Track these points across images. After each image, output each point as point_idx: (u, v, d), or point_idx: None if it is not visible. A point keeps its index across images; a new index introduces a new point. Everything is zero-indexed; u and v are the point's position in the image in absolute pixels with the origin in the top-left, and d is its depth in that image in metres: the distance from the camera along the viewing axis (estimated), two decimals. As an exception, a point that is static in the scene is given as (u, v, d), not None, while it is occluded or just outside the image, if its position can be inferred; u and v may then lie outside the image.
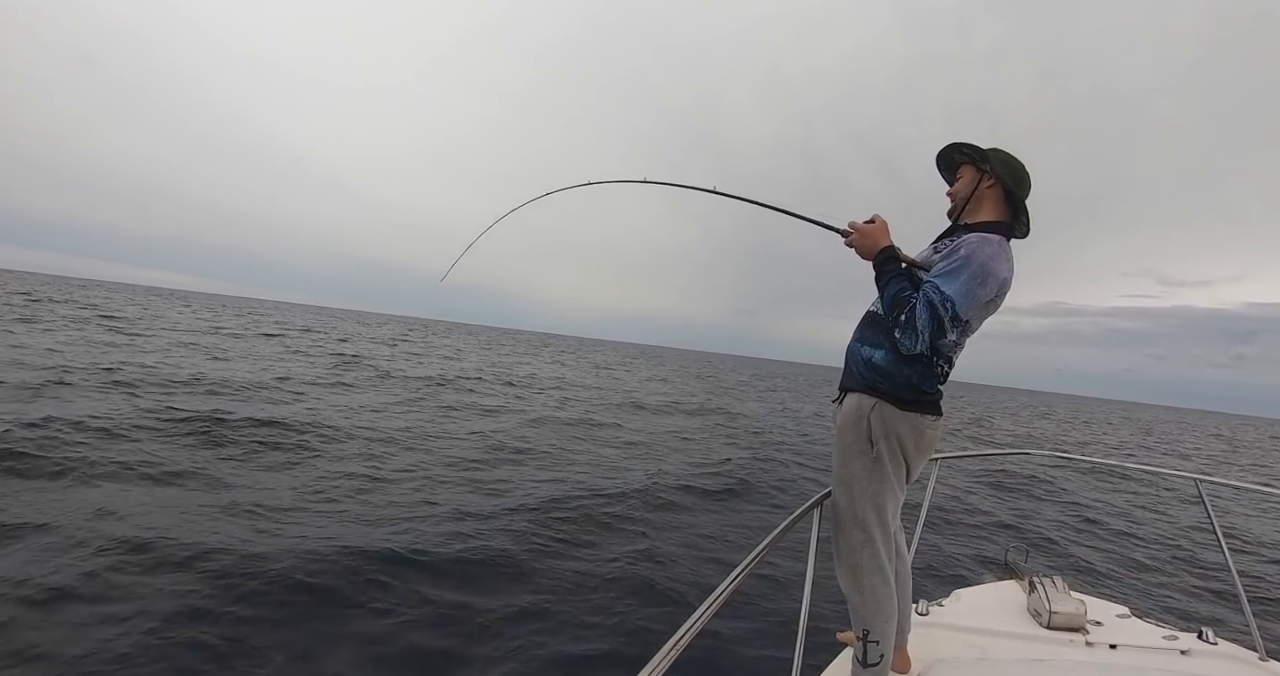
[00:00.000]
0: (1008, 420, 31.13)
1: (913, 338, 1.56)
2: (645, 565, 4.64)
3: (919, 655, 1.97)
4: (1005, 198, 1.74)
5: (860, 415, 1.69)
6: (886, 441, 1.67)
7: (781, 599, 4.23)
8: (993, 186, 1.73)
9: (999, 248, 1.63)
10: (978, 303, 1.59)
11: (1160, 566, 6.68)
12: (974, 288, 1.56)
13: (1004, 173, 1.72)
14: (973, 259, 1.57)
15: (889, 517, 1.71)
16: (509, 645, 3.33)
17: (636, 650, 3.37)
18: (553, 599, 3.93)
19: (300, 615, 3.39)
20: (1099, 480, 12.04)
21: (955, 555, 6.00)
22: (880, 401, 1.67)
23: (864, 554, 1.69)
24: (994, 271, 1.58)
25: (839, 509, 1.74)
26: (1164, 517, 9.39)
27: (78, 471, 5.27)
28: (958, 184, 1.81)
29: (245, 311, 57.56)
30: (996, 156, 1.73)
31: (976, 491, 9.67)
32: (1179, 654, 2.22)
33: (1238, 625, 3.53)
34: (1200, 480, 2.59)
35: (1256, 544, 8.07)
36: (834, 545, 1.76)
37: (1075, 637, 2.27)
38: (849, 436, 1.71)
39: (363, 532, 4.61)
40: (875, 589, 1.68)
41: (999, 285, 1.62)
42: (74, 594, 3.29)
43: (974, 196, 1.75)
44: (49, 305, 26.25)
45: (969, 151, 1.77)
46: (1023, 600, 2.57)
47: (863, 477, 1.69)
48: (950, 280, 1.56)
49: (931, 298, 1.55)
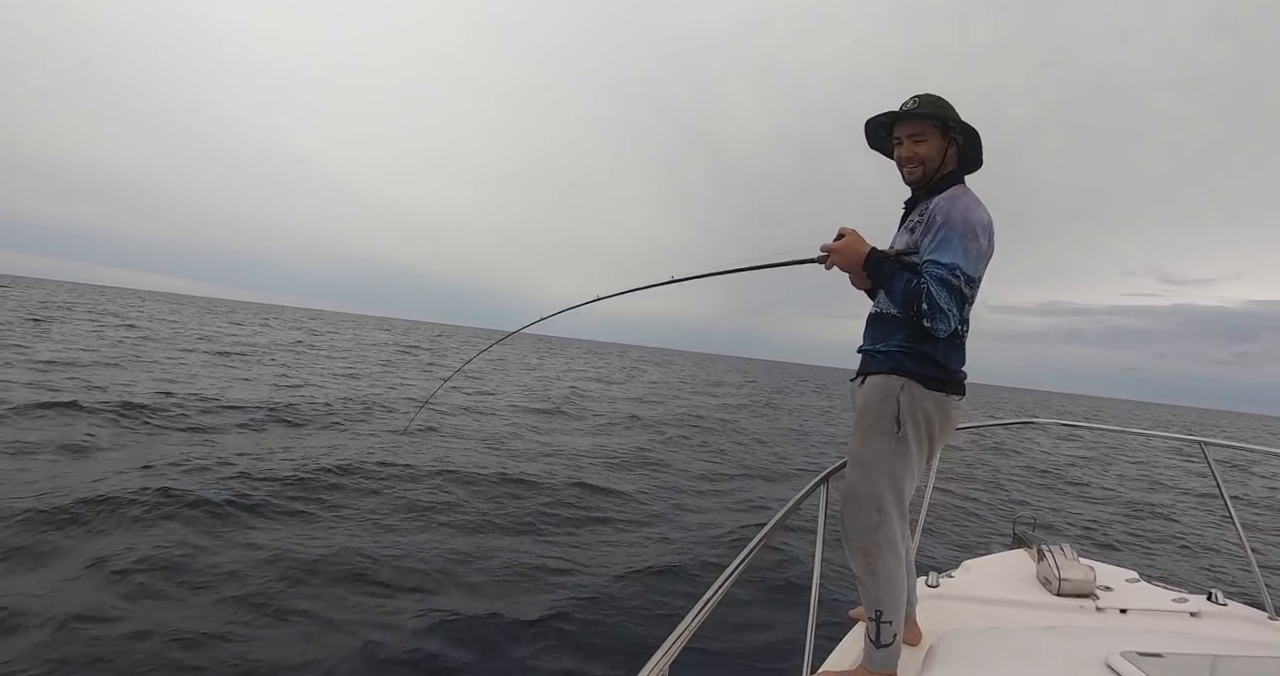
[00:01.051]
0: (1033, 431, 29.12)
1: (944, 318, 1.53)
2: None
3: (930, 626, 1.98)
4: (958, 153, 1.74)
5: (886, 395, 1.65)
6: (914, 422, 1.64)
7: (792, 575, 4.26)
8: (954, 146, 1.72)
9: (969, 197, 1.62)
10: (980, 257, 1.59)
11: (1169, 531, 6.71)
12: (969, 245, 1.56)
13: (967, 139, 1.71)
14: (953, 219, 1.56)
15: (906, 499, 1.69)
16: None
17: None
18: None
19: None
20: (1101, 450, 12.07)
21: (962, 527, 6.03)
22: (909, 381, 1.64)
23: (879, 534, 1.66)
24: (977, 220, 1.58)
25: (854, 489, 1.70)
26: (1169, 483, 9.42)
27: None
28: (923, 148, 1.71)
29: (301, 321, 55.45)
30: (953, 114, 1.69)
31: (981, 464, 9.70)
32: (1189, 616, 2.23)
33: (1247, 586, 3.55)
34: (1205, 443, 2.58)
35: (1263, 506, 8.10)
36: (843, 525, 1.73)
37: (1085, 603, 2.28)
38: (872, 416, 1.68)
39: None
40: (889, 569, 1.66)
41: (987, 231, 1.61)
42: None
43: (942, 163, 1.73)
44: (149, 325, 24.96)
45: (938, 119, 1.69)
46: (1032, 568, 2.58)
47: (885, 458, 1.65)
48: (945, 249, 1.55)
49: (939, 273, 1.53)
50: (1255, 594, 2.33)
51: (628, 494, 6.39)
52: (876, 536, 1.67)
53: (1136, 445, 12.64)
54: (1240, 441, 2.76)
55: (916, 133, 1.71)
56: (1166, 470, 10.44)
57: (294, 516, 4.76)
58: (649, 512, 5.84)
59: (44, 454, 5.59)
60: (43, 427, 6.47)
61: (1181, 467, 10.82)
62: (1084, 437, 13.91)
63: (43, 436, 6.08)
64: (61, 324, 19.91)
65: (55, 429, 6.44)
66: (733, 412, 16.64)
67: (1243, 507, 7.64)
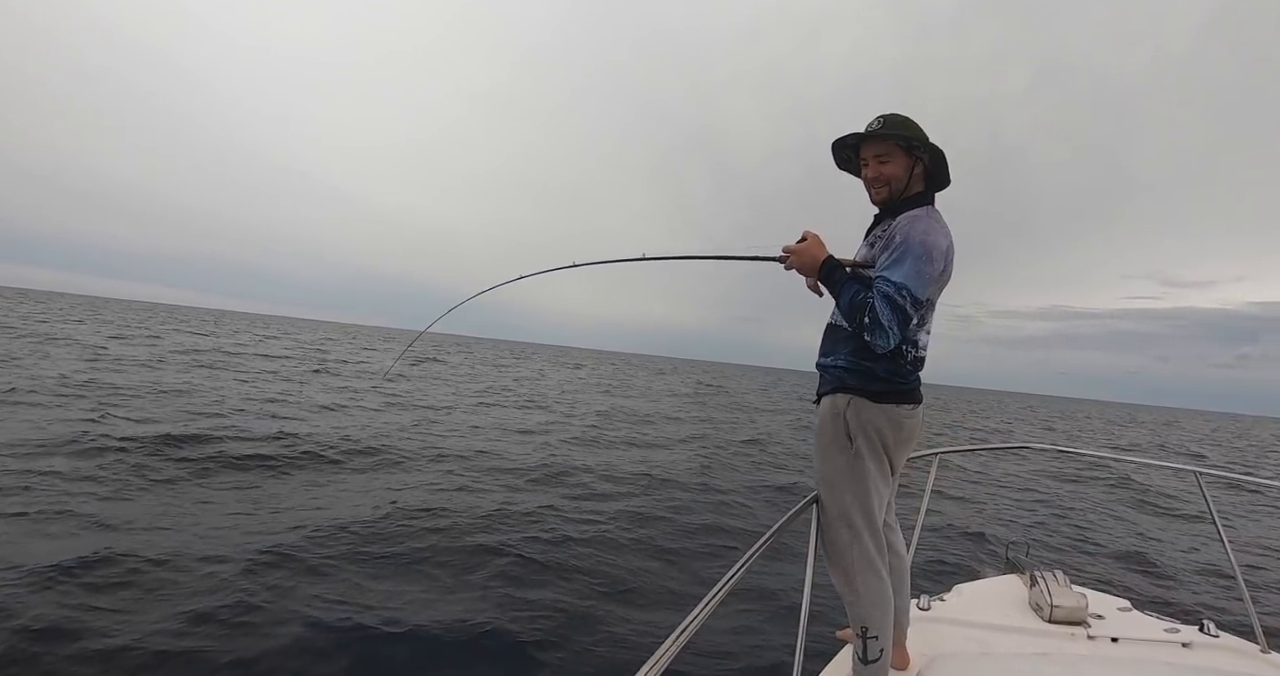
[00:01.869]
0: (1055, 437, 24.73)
1: (883, 335, 1.53)
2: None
3: (920, 649, 1.97)
4: (925, 172, 1.75)
5: (836, 413, 1.69)
6: (865, 436, 1.66)
7: (781, 596, 4.22)
8: (920, 166, 1.73)
9: (930, 219, 1.63)
10: (930, 280, 1.59)
11: (1161, 560, 6.68)
12: (922, 267, 1.56)
13: (932, 158, 1.72)
14: (911, 240, 1.57)
15: (875, 513, 1.71)
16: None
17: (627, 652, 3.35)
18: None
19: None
20: (1094, 476, 12.06)
21: (954, 551, 5.99)
22: (854, 397, 1.67)
23: (853, 551, 1.68)
24: (934, 244, 1.58)
25: (824, 509, 1.73)
26: (1163, 512, 9.39)
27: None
28: (888, 168, 1.71)
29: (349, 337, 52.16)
30: (918, 134, 1.69)
31: (979, 488, 9.67)
32: (1181, 646, 2.21)
33: (1239, 617, 3.52)
34: (1200, 473, 2.58)
35: (1256, 537, 8.08)
36: (822, 545, 1.75)
37: (1077, 631, 2.26)
38: (827, 436, 1.72)
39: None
40: (869, 584, 1.67)
41: (943, 255, 1.61)
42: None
43: (909, 183, 1.73)
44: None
45: (903, 139, 1.69)
46: (1024, 594, 2.57)
47: (845, 475, 1.68)
48: (897, 268, 1.56)
49: (886, 290, 1.54)
50: (1247, 626, 2.31)
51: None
52: (852, 552, 1.68)
53: (1130, 470, 12.62)
54: (1234, 473, 2.76)
55: (882, 153, 1.72)
56: (1161, 497, 10.43)
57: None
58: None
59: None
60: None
61: (1176, 495, 10.80)
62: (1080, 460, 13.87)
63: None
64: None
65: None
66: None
67: (1236, 539, 7.62)
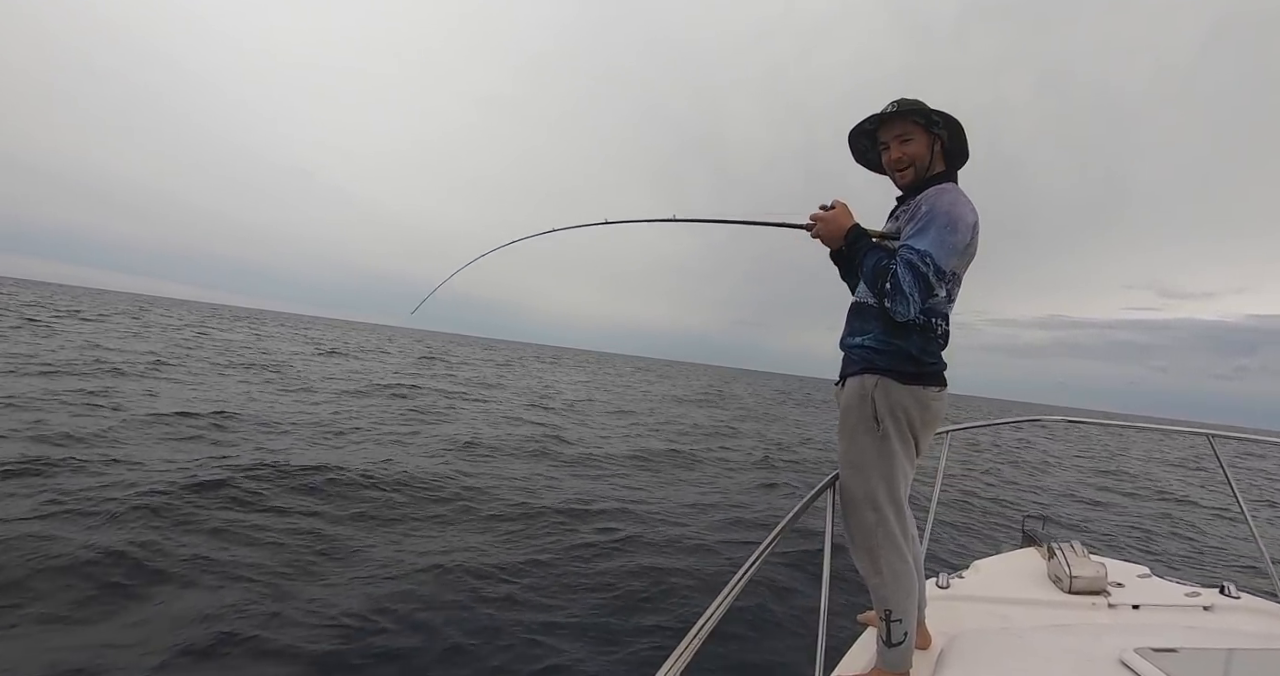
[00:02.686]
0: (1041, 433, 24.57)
1: (904, 303, 1.53)
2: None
3: (941, 628, 1.97)
4: (944, 150, 1.74)
5: (863, 395, 1.67)
6: (893, 418, 1.65)
7: (801, 581, 4.23)
8: (939, 144, 1.73)
9: (957, 192, 1.62)
10: (955, 250, 1.58)
11: (1178, 525, 6.67)
12: (947, 236, 1.55)
13: (950, 132, 1.71)
14: (936, 209, 1.57)
15: (901, 495, 1.70)
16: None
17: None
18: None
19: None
20: (1112, 449, 12.01)
21: (971, 527, 5.99)
22: (882, 378, 1.65)
23: (879, 533, 1.67)
24: (960, 215, 1.57)
25: (849, 492, 1.72)
26: (1176, 480, 9.37)
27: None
28: (911, 147, 1.71)
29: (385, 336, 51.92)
30: (932, 113, 1.69)
31: (988, 464, 9.66)
32: (1202, 610, 2.21)
33: (1260, 579, 3.51)
34: (1212, 436, 2.57)
35: (1275, 496, 8.05)
36: (846, 528, 1.74)
37: (1097, 600, 2.26)
38: (853, 417, 1.70)
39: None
40: (894, 567, 1.67)
41: (969, 228, 1.60)
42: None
43: (932, 160, 1.73)
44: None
45: (921, 116, 1.69)
46: (1042, 567, 2.57)
47: (872, 457, 1.67)
48: (921, 236, 1.55)
49: (909, 257, 1.53)
50: (1268, 585, 2.31)
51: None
52: (877, 535, 1.68)
53: (1143, 448, 12.57)
54: (1247, 434, 2.75)
55: (902, 133, 1.72)
56: (1173, 469, 10.40)
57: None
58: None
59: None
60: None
61: (1187, 468, 10.76)
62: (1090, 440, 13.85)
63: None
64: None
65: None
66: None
67: (1252, 501, 7.59)
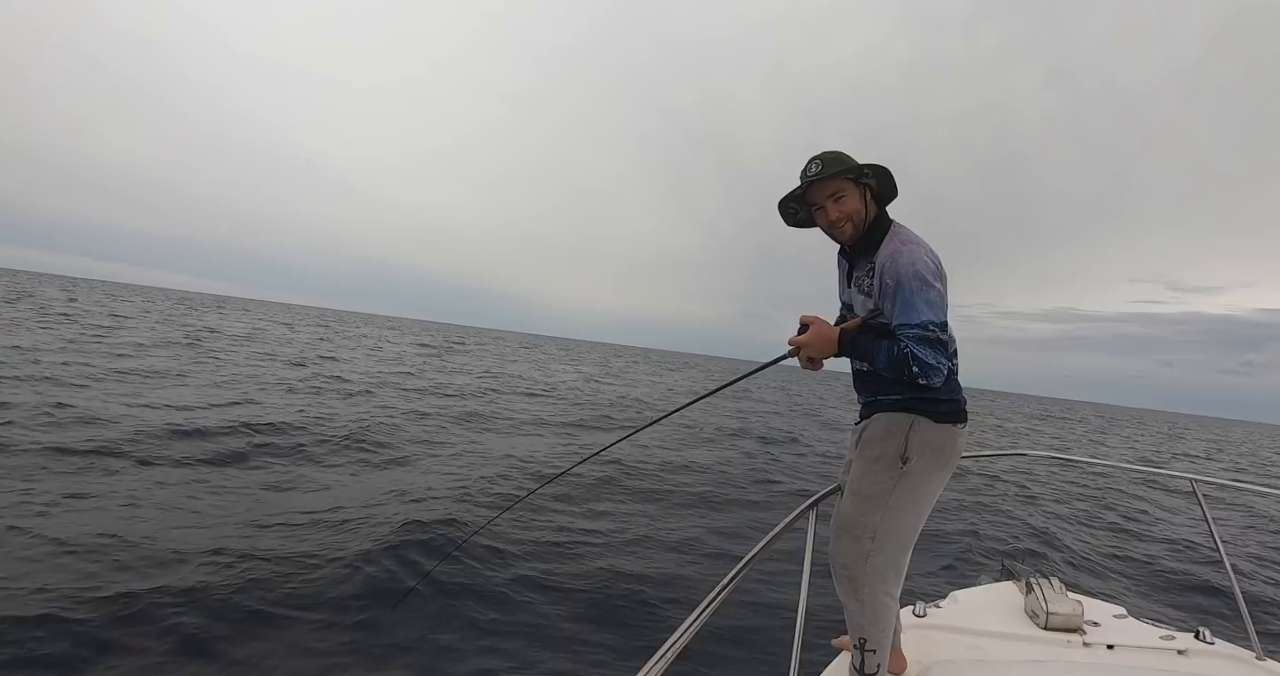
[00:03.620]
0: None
1: (935, 373, 1.54)
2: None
3: (915, 656, 1.96)
4: (875, 197, 1.74)
5: (893, 432, 1.67)
6: (921, 457, 1.65)
7: (777, 601, 4.20)
8: (869, 193, 1.73)
9: (905, 245, 1.62)
10: (941, 300, 1.59)
11: (1156, 567, 6.68)
12: (931, 296, 1.56)
13: (879, 178, 1.71)
14: (903, 279, 1.57)
15: (905, 534, 1.69)
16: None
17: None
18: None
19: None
20: (1091, 480, 12.07)
21: (950, 557, 5.98)
22: (918, 417, 1.66)
23: (869, 562, 1.67)
24: (925, 269, 1.58)
25: (847, 518, 1.71)
26: (1159, 519, 9.41)
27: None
28: (845, 204, 1.69)
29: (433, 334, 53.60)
30: (851, 162, 1.68)
31: (971, 493, 9.67)
32: (1176, 653, 2.21)
33: (1235, 625, 3.52)
34: (1195, 480, 2.58)
35: (1252, 544, 8.09)
36: (832, 551, 1.74)
37: (1073, 638, 2.26)
38: (876, 450, 1.69)
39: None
40: (875, 598, 1.66)
41: (936, 273, 1.61)
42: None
43: (867, 210, 1.72)
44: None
45: (850, 171, 1.68)
46: (1020, 601, 2.56)
47: (885, 492, 1.66)
48: (909, 312, 1.55)
49: (915, 334, 1.54)
50: (1243, 633, 2.31)
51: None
52: (867, 565, 1.67)
53: (1129, 479, 12.63)
54: (1231, 480, 2.77)
55: (835, 192, 1.70)
56: (1157, 505, 10.45)
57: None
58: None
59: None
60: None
61: (1171, 503, 10.82)
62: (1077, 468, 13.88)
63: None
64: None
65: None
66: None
67: (1231, 546, 7.63)
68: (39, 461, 5.48)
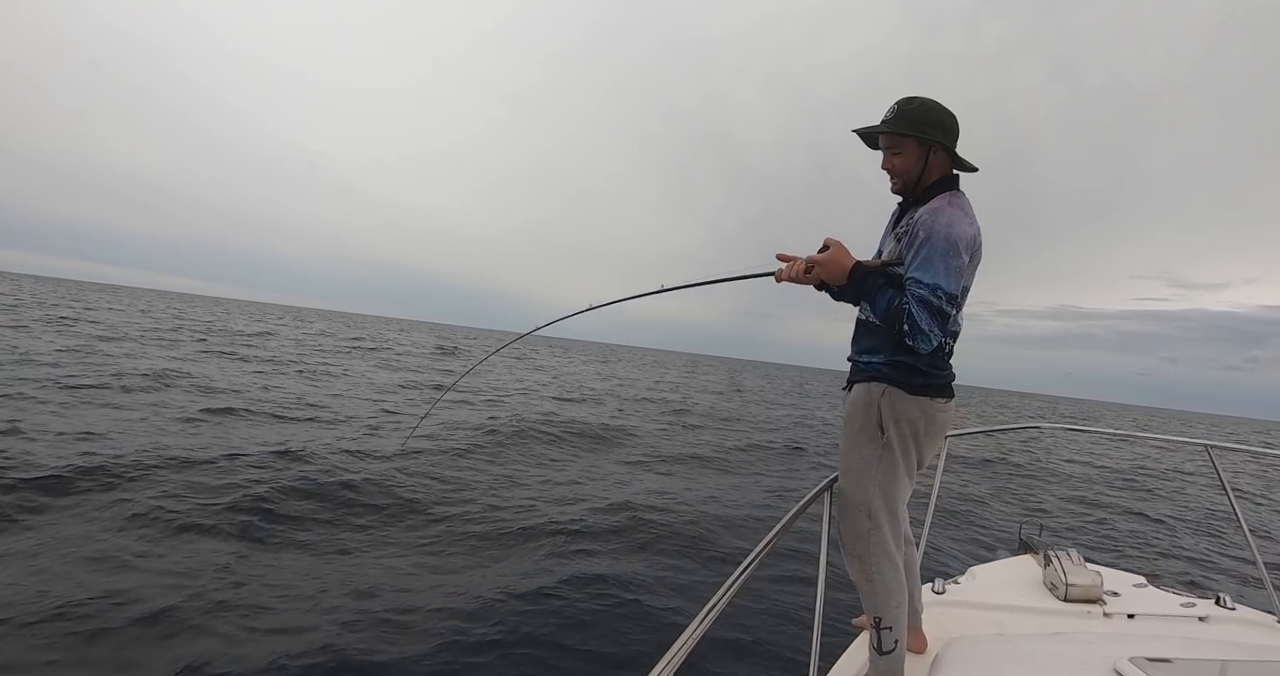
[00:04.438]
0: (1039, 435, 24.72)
1: (925, 339, 1.52)
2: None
3: (936, 633, 1.97)
4: (945, 158, 1.69)
5: (869, 402, 1.67)
6: (897, 427, 1.65)
7: (797, 583, 4.23)
8: (937, 152, 1.67)
9: (952, 208, 1.59)
10: (960, 274, 1.56)
11: (1175, 535, 6.66)
12: (951, 261, 1.53)
13: (945, 138, 1.64)
14: (934, 236, 1.54)
15: (899, 505, 1.70)
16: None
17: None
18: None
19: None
20: (1111, 456, 12.00)
21: (968, 533, 5.99)
22: (889, 387, 1.65)
23: (871, 541, 1.67)
24: (959, 236, 1.54)
25: (845, 496, 1.72)
26: (1175, 488, 9.36)
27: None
28: (899, 160, 1.67)
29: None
30: (932, 119, 1.63)
31: (987, 470, 9.66)
32: (1197, 620, 2.21)
33: (1256, 590, 3.51)
34: (1210, 446, 2.57)
35: (1270, 510, 8.04)
36: (839, 533, 1.75)
37: (1093, 609, 2.26)
38: (857, 423, 1.70)
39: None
40: (884, 575, 1.67)
41: (969, 245, 1.58)
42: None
43: (924, 171, 1.68)
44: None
45: (912, 129, 1.64)
46: (1038, 574, 2.57)
47: (871, 465, 1.67)
48: (926, 268, 1.53)
49: (920, 294, 1.52)
50: (1264, 598, 2.31)
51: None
52: (870, 542, 1.68)
53: (1142, 453, 12.55)
54: (1244, 444, 2.75)
55: (892, 145, 1.68)
56: (1172, 476, 10.40)
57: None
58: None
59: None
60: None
61: (1186, 473, 10.75)
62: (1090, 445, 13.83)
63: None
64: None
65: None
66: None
67: (1251, 511, 7.58)
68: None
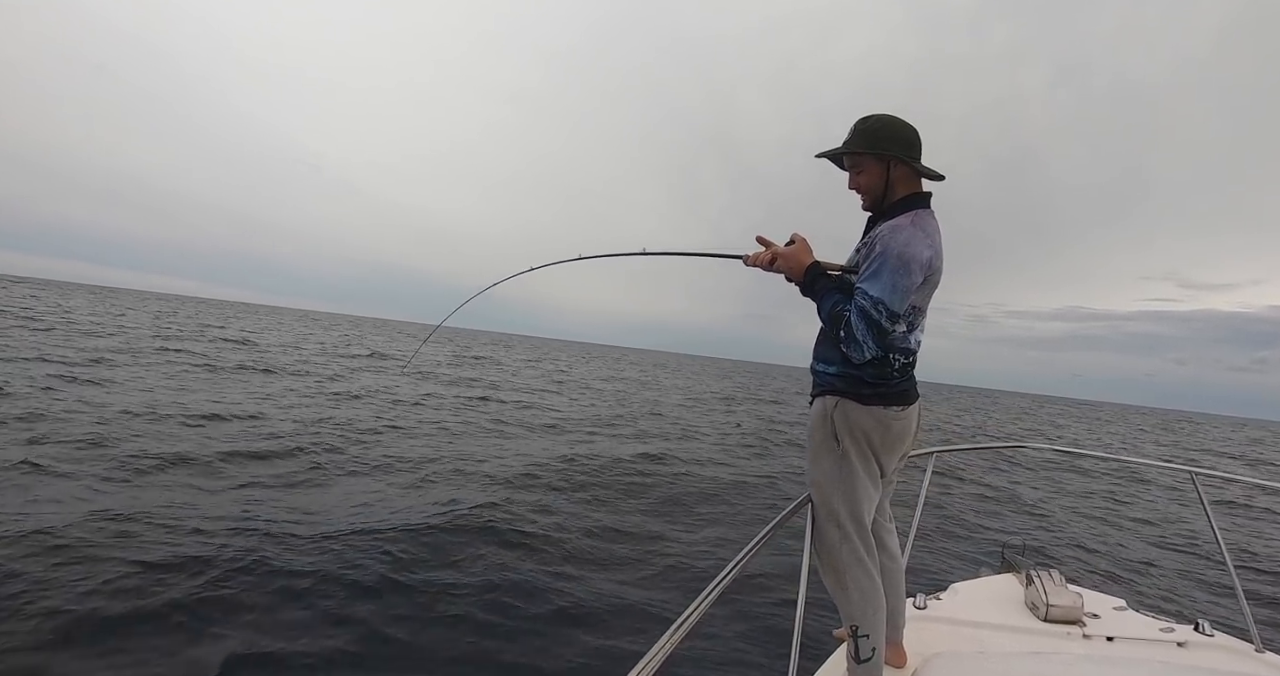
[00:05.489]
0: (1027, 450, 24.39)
1: (858, 348, 1.56)
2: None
3: (916, 649, 1.97)
4: (909, 168, 1.69)
5: (824, 415, 1.72)
6: (852, 438, 1.68)
7: (778, 595, 4.22)
8: (897, 166, 1.68)
9: (911, 229, 1.60)
10: (907, 293, 1.57)
11: (1156, 560, 6.70)
12: (899, 280, 1.55)
13: (905, 153, 1.66)
14: (888, 252, 1.56)
15: (863, 514, 1.72)
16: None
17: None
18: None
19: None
20: (1097, 475, 12.08)
21: (951, 550, 6.00)
22: (841, 399, 1.69)
23: (843, 551, 1.70)
24: (913, 256, 1.56)
25: (814, 509, 1.76)
26: (1159, 512, 9.42)
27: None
28: (863, 178, 1.71)
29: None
30: (887, 135, 1.66)
31: (971, 485, 9.69)
32: (1176, 646, 2.22)
33: (1234, 617, 3.53)
34: (1195, 473, 2.58)
35: (1251, 537, 8.10)
36: (813, 546, 1.76)
37: (1072, 630, 2.27)
38: (817, 437, 1.74)
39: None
40: (859, 583, 1.69)
41: (923, 267, 1.59)
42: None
43: (888, 187, 1.70)
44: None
45: (868, 146, 1.67)
46: (1020, 593, 2.57)
47: (833, 476, 1.71)
48: (874, 281, 1.55)
49: (862, 304, 1.55)
50: (1242, 625, 2.32)
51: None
52: (842, 552, 1.70)
53: (1130, 472, 12.63)
54: (1231, 473, 2.77)
55: (854, 164, 1.72)
56: (1158, 498, 10.47)
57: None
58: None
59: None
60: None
61: (1170, 497, 10.83)
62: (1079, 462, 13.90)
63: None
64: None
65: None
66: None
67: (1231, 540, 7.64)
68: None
